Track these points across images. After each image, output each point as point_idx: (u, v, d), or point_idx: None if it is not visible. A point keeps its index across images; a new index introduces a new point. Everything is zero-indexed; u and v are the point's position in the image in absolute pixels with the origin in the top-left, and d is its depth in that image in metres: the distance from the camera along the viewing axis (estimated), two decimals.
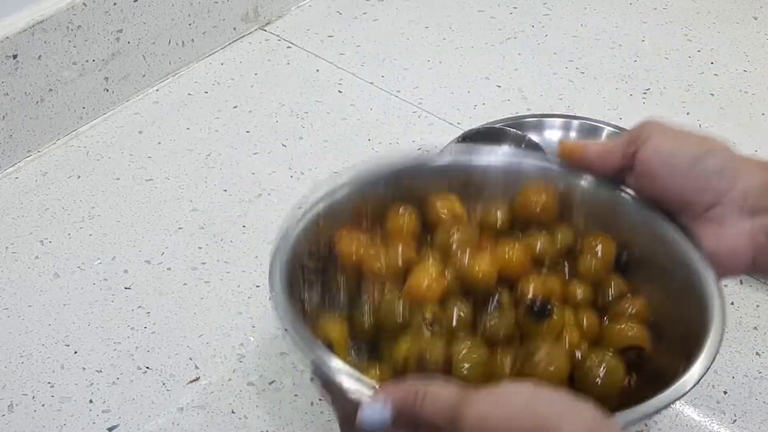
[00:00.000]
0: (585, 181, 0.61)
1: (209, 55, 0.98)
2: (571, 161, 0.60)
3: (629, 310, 0.58)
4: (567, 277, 0.60)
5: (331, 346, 0.55)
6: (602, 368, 0.56)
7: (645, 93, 0.95)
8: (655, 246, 0.59)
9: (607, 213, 0.61)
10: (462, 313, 0.57)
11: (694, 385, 0.52)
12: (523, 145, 0.80)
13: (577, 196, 0.61)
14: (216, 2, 0.96)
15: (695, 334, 0.55)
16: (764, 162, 0.57)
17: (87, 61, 0.87)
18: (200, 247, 0.79)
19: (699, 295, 0.56)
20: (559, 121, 0.85)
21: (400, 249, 0.59)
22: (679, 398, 0.52)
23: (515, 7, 1.06)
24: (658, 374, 0.56)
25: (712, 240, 0.56)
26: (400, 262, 0.59)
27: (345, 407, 0.52)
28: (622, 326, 0.57)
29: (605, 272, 0.60)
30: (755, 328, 0.73)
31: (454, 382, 0.48)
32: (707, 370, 0.53)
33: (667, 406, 0.52)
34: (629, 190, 0.59)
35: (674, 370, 0.54)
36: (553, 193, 0.61)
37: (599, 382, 0.55)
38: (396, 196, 0.62)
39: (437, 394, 0.47)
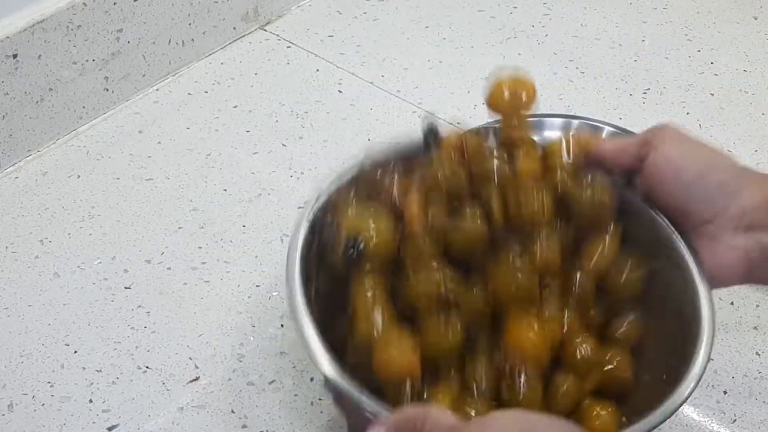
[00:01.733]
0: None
1: (209, 55, 0.98)
2: (587, 154, 0.61)
3: (621, 329, 0.60)
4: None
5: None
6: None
7: (645, 93, 0.95)
8: (658, 250, 0.60)
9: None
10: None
11: (681, 405, 0.54)
12: None
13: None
14: (216, 2, 0.96)
15: (682, 352, 0.56)
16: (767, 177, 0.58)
17: (87, 60, 0.87)
18: (200, 247, 0.79)
19: (692, 309, 0.57)
20: (558, 120, 0.85)
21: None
22: (663, 421, 0.53)
23: (515, 7, 1.06)
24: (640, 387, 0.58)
25: (706, 253, 0.57)
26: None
27: (356, 420, 0.55)
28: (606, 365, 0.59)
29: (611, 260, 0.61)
30: (755, 328, 0.73)
31: (451, 412, 0.50)
32: (693, 390, 0.54)
33: (655, 427, 0.53)
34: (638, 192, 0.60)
35: (658, 386, 0.56)
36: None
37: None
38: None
39: (437, 420, 0.49)
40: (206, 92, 0.94)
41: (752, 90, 0.95)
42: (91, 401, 0.68)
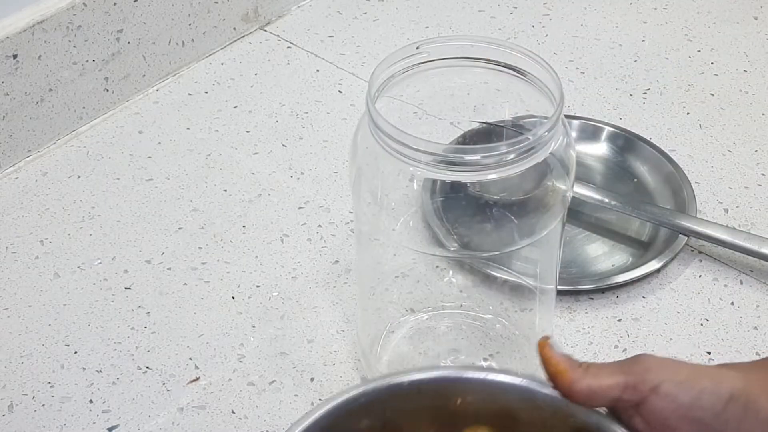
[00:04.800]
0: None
1: (209, 55, 0.98)
2: (556, 385, 0.52)
3: None
4: None
5: None
6: None
7: (645, 93, 0.95)
8: None
9: None
10: None
11: None
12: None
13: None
14: (216, 2, 0.96)
15: None
16: None
17: (87, 61, 0.87)
18: (200, 247, 0.79)
19: None
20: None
21: None
22: None
23: (515, 7, 1.06)
24: None
25: None
26: None
27: None
28: None
29: None
30: (755, 328, 0.73)
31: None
32: None
33: None
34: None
35: None
36: None
37: None
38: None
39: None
40: (206, 92, 0.94)
41: (752, 90, 0.95)
42: (91, 401, 0.68)
